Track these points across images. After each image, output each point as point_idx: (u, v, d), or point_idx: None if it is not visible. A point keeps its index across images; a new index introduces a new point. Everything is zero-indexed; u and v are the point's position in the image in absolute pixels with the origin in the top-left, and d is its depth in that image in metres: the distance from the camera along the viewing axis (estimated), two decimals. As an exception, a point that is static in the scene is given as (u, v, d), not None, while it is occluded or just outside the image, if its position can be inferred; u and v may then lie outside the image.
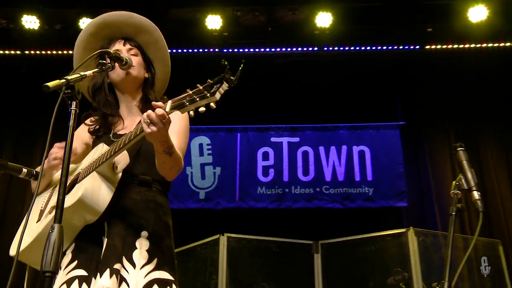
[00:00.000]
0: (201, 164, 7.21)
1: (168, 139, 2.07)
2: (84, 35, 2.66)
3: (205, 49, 7.12)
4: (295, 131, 7.34)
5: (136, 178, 2.32)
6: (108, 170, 2.21)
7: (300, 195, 7.03)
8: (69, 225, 2.16)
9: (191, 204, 6.97)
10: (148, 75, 2.60)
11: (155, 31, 2.66)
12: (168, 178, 2.32)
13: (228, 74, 1.85)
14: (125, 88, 2.53)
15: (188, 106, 1.85)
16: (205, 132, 7.33)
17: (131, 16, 2.64)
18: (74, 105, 1.91)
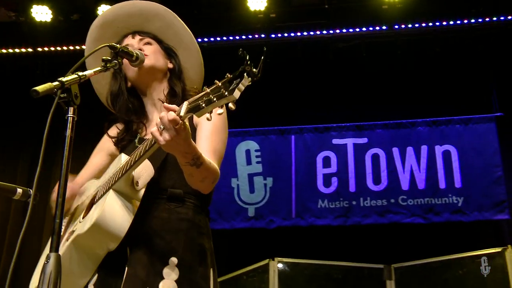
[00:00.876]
0: (249, 175, 7.51)
1: (191, 149, 2.11)
2: (89, 41, 2.84)
3: (249, 36, 7.48)
4: (362, 130, 7.53)
5: (165, 193, 2.40)
6: (127, 186, 2.30)
7: (370, 208, 7.21)
8: (89, 253, 2.29)
9: (238, 223, 7.28)
10: (172, 65, 2.72)
11: (166, 14, 2.77)
12: (203, 191, 2.36)
13: (249, 66, 1.87)
14: (146, 83, 2.66)
15: (204, 108, 1.88)
16: (252, 136, 7.63)
17: (133, 5, 2.77)
18: (72, 111, 1.99)
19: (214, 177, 2.31)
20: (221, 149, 2.51)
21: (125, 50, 2.47)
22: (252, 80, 1.87)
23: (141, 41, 2.71)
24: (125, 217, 2.24)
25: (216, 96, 1.86)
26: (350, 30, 7.57)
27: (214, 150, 2.42)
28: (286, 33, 7.56)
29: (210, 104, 1.87)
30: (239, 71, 1.87)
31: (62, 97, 1.98)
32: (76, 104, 2.00)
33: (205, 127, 2.46)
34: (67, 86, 1.99)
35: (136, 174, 2.31)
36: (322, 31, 7.54)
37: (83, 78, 2.10)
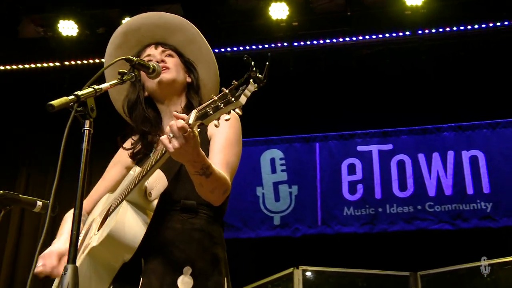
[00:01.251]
0: (274, 183, 7.59)
1: (200, 158, 2.14)
2: (111, 48, 2.88)
3: (272, 44, 7.55)
4: (387, 136, 7.58)
5: (178, 204, 2.43)
6: (140, 197, 2.33)
7: (397, 215, 7.23)
8: (103, 265, 2.31)
9: (264, 231, 7.36)
10: (190, 79, 2.76)
11: (190, 29, 2.82)
12: (214, 202, 2.39)
13: (254, 72, 1.91)
14: (164, 95, 2.70)
15: (212, 115, 1.93)
16: (277, 144, 7.71)
17: (160, 16, 2.83)
18: (88, 124, 2.02)
19: (225, 188, 2.33)
20: (234, 162, 2.51)
21: (141, 62, 2.50)
22: (258, 86, 1.91)
23: (163, 53, 2.75)
24: (138, 228, 2.28)
25: (223, 103, 1.90)
26: (373, 37, 7.61)
27: (227, 163, 2.44)
28: (309, 41, 7.63)
29: (217, 110, 1.91)
30: (244, 78, 1.91)
31: (79, 111, 2.02)
32: (92, 117, 2.05)
33: (218, 140, 2.49)
34: (82, 99, 2.03)
35: (149, 185, 2.35)
36: (344, 38, 7.59)
37: (99, 92, 2.13)
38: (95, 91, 2.10)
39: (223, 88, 1.92)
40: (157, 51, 2.76)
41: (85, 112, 2.03)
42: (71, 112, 2.01)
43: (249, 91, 1.89)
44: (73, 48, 7.42)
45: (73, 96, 2.01)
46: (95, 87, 2.11)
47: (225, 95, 1.90)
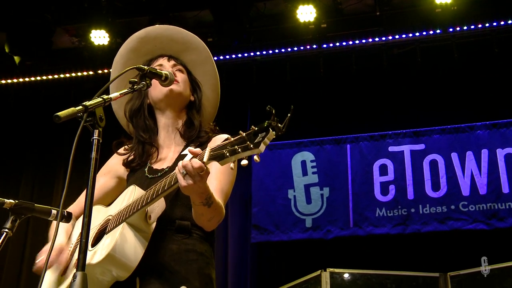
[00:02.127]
0: (306, 186, 7.68)
1: (207, 189, 2.26)
2: (124, 50, 2.99)
3: (301, 47, 7.71)
4: (419, 136, 7.59)
5: (173, 224, 2.54)
6: (140, 220, 2.44)
7: (430, 215, 7.25)
8: (96, 282, 2.38)
9: (296, 234, 7.46)
10: (193, 98, 2.87)
11: (204, 51, 2.95)
12: (207, 229, 2.53)
13: (275, 121, 1.98)
14: (167, 105, 2.79)
15: (228, 157, 2.02)
16: (308, 147, 7.80)
17: (179, 32, 2.94)
18: (97, 134, 2.08)
19: (220, 217, 2.46)
20: (228, 190, 2.61)
21: (153, 71, 2.56)
22: (277, 134, 1.99)
23: (175, 67, 2.87)
24: (137, 249, 2.39)
25: (241, 148, 1.99)
26: (403, 36, 7.67)
27: (221, 190, 2.54)
28: (338, 43, 7.73)
29: (234, 154, 2.01)
30: (265, 125, 1.98)
31: (88, 120, 2.09)
32: (101, 126, 2.11)
33: (215, 167, 2.48)
34: (91, 109, 2.09)
35: (150, 208, 2.47)
36: (374, 38, 7.68)
37: (108, 101, 2.20)
38: (104, 101, 2.17)
39: (240, 132, 2.02)
40: (168, 64, 2.87)
41: (94, 121, 2.10)
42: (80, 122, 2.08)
43: (268, 139, 1.97)
44: (105, 57, 7.65)
45: (81, 106, 2.08)
46: (104, 96, 2.18)
47: (242, 139, 1.99)
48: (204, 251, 2.56)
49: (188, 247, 2.52)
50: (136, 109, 2.85)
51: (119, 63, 2.99)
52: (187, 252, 2.51)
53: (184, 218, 2.55)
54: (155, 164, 2.76)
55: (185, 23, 7.71)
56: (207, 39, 7.67)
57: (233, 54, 7.91)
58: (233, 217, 7.82)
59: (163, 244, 2.50)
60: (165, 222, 2.52)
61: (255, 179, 7.79)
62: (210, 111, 2.96)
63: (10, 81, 8.29)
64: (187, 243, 2.53)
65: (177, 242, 2.52)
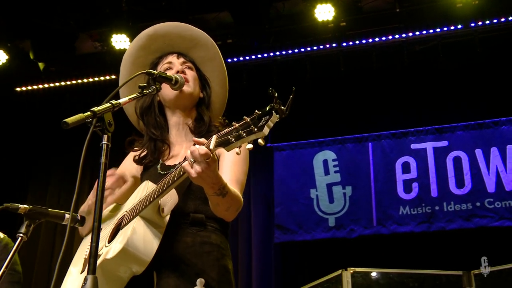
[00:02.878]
0: (328, 185, 7.77)
1: (218, 179, 2.30)
2: (134, 47, 3.04)
3: (321, 46, 7.80)
4: (442, 133, 7.63)
5: (187, 218, 2.60)
6: (153, 213, 2.49)
7: (455, 212, 7.28)
8: (113, 277, 2.44)
9: (319, 233, 7.56)
10: (203, 95, 2.94)
11: (212, 47, 3.00)
12: (227, 219, 2.60)
13: (278, 104, 2.00)
14: (178, 105, 2.85)
15: (234, 142, 2.06)
16: (329, 146, 7.89)
17: (188, 29, 3.00)
18: (106, 139, 2.12)
19: (238, 205, 2.50)
20: (243, 179, 2.66)
21: (163, 75, 2.62)
22: (280, 117, 2.01)
23: (184, 64, 2.92)
24: (151, 243, 2.44)
25: (246, 132, 2.02)
26: (424, 32, 7.70)
27: (237, 180, 2.59)
28: (358, 41, 7.80)
29: (240, 139, 2.04)
30: (268, 109, 2.01)
31: (97, 126, 2.13)
32: (110, 131, 2.15)
33: (228, 158, 2.64)
34: (99, 115, 2.13)
35: (162, 201, 2.52)
36: (394, 35, 7.73)
37: (117, 106, 2.24)
38: (113, 106, 2.21)
39: (244, 117, 2.06)
40: (178, 61, 2.92)
41: (103, 127, 2.14)
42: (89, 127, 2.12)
43: (272, 122, 2.00)
44: (126, 62, 7.83)
45: (89, 112, 2.12)
46: (112, 102, 2.22)
47: (247, 124, 2.04)
48: (219, 243, 2.62)
49: (203, 239, 2.58)
50: (147, 106, 2.90)
51: (128, 61, 3.05)
52: (203, 244, 2.57)
53: (197, 211, 2.61)
54: (167, 161, 2.82)
55: (205, 25, 7.80)
56: (227, 40, 7.89)
57: (253, 55, 8.03)
58: (256, 218, 7.94)
59: (178, 237, 2.56)
60: (179, 216, 2.58)
61: (277, 179, 7.90)
62: (219, 106, 3.02)
63: (36, 87, 8.55)
64: (202, 235, 2.59)
65: (192, 235, 2.58)
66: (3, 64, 7.93)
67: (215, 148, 2.15)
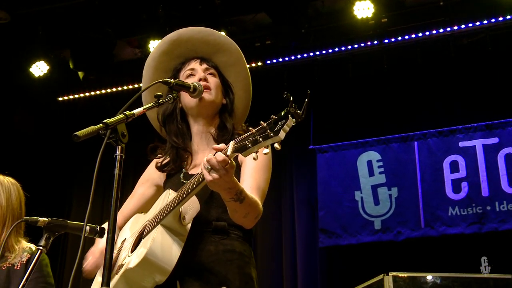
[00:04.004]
0: (373, 186, 7.72)
1: (235, 185, 2.35)
2: (157, 53, 3.08)
3: (362, 44, 7.81)
4: (492, 129, 7.46)
5: (210, 226, 2.64)
6: (174, 222, 2.55)
7: (507, 212, 7.11)
8: (137, 287, 2.53)
9: (365, 237, 7.52)
10: (226, 101, 2.98)
11: (236, 52, 3.04)
12: (246, 226, 2.63)
13: (293, 108, 2.04)
14: (200, 113, 2.89)
15: (250, 148, 2.11)
16: (373, 146, 7.83)
17: (211, 33, 3.04)
18: (119, 150, 2.17)
19: (257, 212, 2.55)
20: (264, 187, 2.70)
21: (180, 83, 2.68)
22: (297, 121, 2.06)
23: (207, 71, 2.96)
24: (173, 251, 2.49)
25: (262, 137, 2.07)
26: (470, 25, 7.61)
27: (258, 187, 2.64)
28: (401, 37, 7.76)
29: (256, 144, 2.09)
30: (284, 113, 2.06)
31: (111, 137, 2.18)
32: (123, 142, 2.20)
33: (250, 165, 2.68)
34: (111, 127, 2.18)
35: (184, 209, 2.57)
36: (438, 30, 7.67)
37: (131, 117, 2.29)
38: (126, 117, 2.26)
39: (261, 122, 2.10)
40: (200, 67, 2.96)
41: (116, 138, 2.19)
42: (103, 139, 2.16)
43: (288, 126, 2.04)
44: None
45: (101, 124, 2.17)
46: (126, 113, 2.27)
47: (263, 129, 2.08)
48: (243, 251, 2.67)
49: (226, 247, 2.63)
50: (169, 114, 2.95)
51: (151, 66, 3.10)
52: (226, 252, 2.61)
53: (220, 219, 2.65)
54: (190, 170, 2.87)
55: (243, 27, 7.98)
56: (265, 41, 7.97)
57: (292, 55, 8.07)
58: (300, 222, 7.96)
59: (201, 245, 2.61)
60: (202, 224, 2.63)
61: (321, 182, 7.89)
62: (242, 111, 3.08)
63: (77, 96, 8.82)
64: (225, 243, 2.64)
65: (215, 243, 2.62)
66: (45, 75, 8.17)
67: (233, 154, 2.20)
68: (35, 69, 8.16)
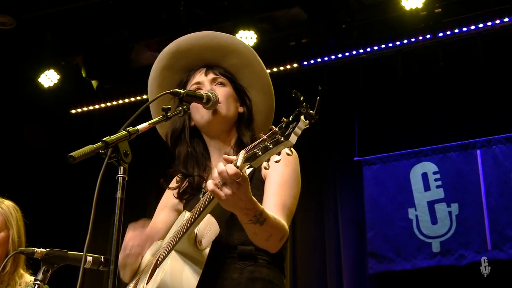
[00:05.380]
0: (429, 203, 7.25)
1: (252, 204, 2.21)
2: (156, 69, 3.03)
3: (412, 39, 7.32)
4: None
5: (234, 251, 2.55)
6: (189, 246, 2.45)
7: None
8: None
9: (422, 261, 7.07)
10: (242, 109, 2.86)
11: (246, 51, 2.92)
12: (270, 250, 2.49)
13: (305, 108, 1.95)
14: (213, 131, 2.80)
15: (260, 156, 2.01)
16: (428, 156, 7.36)
17: (213, 37, 2.94)
18: (122, 171, 2.11)
19: (282, 234, 2.42)
20: (291, 205, 2.56)
21: (191, 93, 2.59)
22: (310, 122, 1.95)
23: (214, 81, 2.84)
24: (190, 280, 2.39)
25: (272, 143, 1.96)
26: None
27: (283, 206, 2.50)
28: (458, 29, 7.24)
29: (266, 151, 1.99)
30: (294, 114, 1.96)
31: (112, 156, 2.11)
32: (126, 162, 2.12)
33: (274, 180, 2.56)
34: (112, 146, 2.11)
35: (200, 232, 2.45)
36: (503, 19, 7.09)
37: (135, 134, 2.20)
38: (129, 134, 2.18)
39: (272, 126, 2.00)
40: (206, 78, 2.84)
41: (118, 158, 2.12)
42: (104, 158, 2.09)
43: (299, 129, 1.94)
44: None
45: (100, 143, 2.09)
46: (129, 129, 2.19)
47: (274, 134, 1.98)
48: (272, 278, 2.58)
49: (254, 275, 2.53)
50: (178, 133, 2.86)
51: (153, 86, 3.02)
52: (253, 281, 2.52)
53: (246, 243, 2.54)
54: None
55: (276, 24, 7.66)
56: (301, 40, 7.61)
57: (332, 54, 7.68)
58: (346, 245, 7.62)
59: (223, 273, 2.52)
60: (225, 249, 2.55)
61: (368, 198, 7.49)
62: (265, 116, 2.97)
63: (92, 107, 8.59)
64: (252, 270, 2.54)
65: (240, 270, 2.53)
66: (55, 85, 7.92)
67: (244, 165, 2.08)
68: (44, 79, 7.90)
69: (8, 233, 3.70)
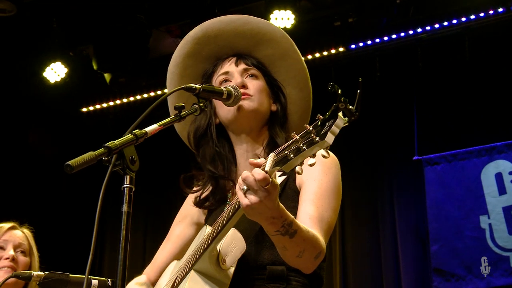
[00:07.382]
0: (505, 209, 6.96)
1: (279, 213, 2.16)
2: (179, 56, 2.95)
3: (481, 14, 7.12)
4: None
5: (263, 271, 2.50)
6: (211, 266, 2.41)
7: None
8: None
9: (497, 279, 6.78)
10: (276, 107, 2.82)
11: (283, 40, 2.86)
12: (304, 269, 2.43)
13: (343, 103, 1.88)
14: (241, 129, 2.75)
15: (292, 159, 1.95)
16: (503, 153, 7.09)
17: (246, 22, 2.86)
18: (128, 181, 2.05)
19: (317, 251, 2.35)
20: (329, 218, 2.51)
21: (209, 89, 2.50)
22: (349, 119, 1.91)
23: (245, 73, 2.79)
24: None
25: (306, 143, 1.93)
26: None
27: (320, 218, 2.45)
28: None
29: (299, 153, 1.94)
30: (331, 111, 1.91)
31: (117, 164, 2.06)
32: (133, 170, 2.06)
33: (310, 189, 2.51)
34: (116, 152, 2.05)
35: (223, 250, 2.40)
36: None
37: (142, 137, 2.15)
38: (136, 138, 2.12)
39: (306, 125, 1.97)
40: (237, 69, 2.79)
41: (123, 165, 2.06)
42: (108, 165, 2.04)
43: (337, 127, 1.90)
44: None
45: (102, 148, 2.04)
46: (136, 132, 2.13)
47: (307, 133, 1.95)
48: None
49: None
50: (202, 134, 2.81)
51: (175, 74, 2.95)
52: None
53: (277, 263, 2.52)
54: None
55: (319, 2, 7.52)
56: (347, 19, 7.42)
57: (385, 36, 7.44)
58: (406, 260, 7.36)
59: None
60: (253, 269, 2.52)
61: (432, 205, 7.19)
62: (301, 116, 2.93)
63: (105, 104, 8.47)
64: None
65: None
66: (62, 80, 7.77)
67: (273, 169, 2.06)
68: (50, 73, 7.69)
69: (31, 259, 3.79)
